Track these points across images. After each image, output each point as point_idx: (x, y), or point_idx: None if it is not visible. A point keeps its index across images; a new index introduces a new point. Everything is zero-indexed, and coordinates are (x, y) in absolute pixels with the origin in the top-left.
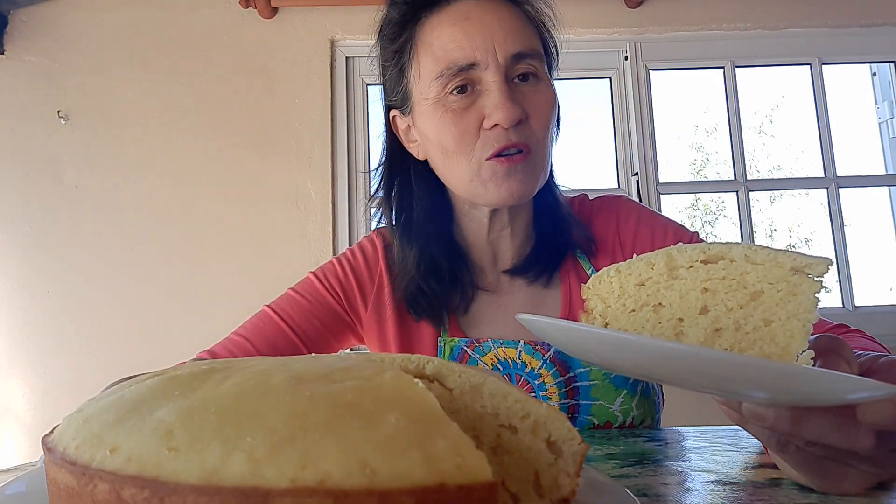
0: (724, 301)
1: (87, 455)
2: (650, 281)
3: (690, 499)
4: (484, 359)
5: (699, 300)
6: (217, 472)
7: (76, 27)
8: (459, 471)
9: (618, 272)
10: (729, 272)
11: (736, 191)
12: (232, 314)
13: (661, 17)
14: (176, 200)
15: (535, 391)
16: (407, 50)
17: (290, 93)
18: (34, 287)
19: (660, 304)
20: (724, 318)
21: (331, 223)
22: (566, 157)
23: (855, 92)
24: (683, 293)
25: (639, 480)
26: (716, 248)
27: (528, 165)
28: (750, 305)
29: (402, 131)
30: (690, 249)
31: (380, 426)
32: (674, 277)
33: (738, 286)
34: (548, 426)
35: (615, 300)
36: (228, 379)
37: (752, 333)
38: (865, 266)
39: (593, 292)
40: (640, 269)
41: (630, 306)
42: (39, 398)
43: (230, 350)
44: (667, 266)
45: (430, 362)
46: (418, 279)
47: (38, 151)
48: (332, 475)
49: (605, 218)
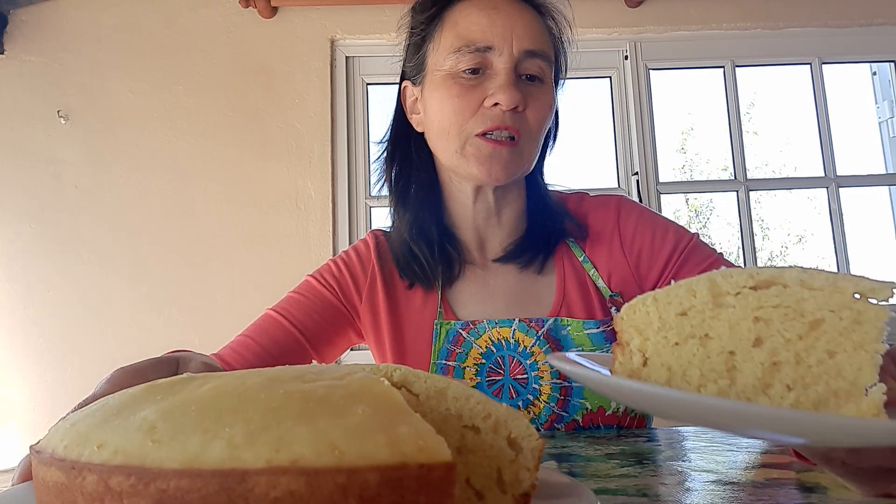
0: (780, 331)
1: (76, 452)
2: (693, 310)
3: (690, 499)
4: (479, 341)
5: (752, 331)
6: (198, 458)
7: (76, 27)
8: (421, 452)
9: (655, 301)
10: (783, 299)
11: (736, 190)
12: (232, 313)
13: (661, 16)
14: (176, 200)
15: (528, 371)
16: (434, 23)
17: (290, 93)
18: (34, 287)
19: (706, 336)
20: (782, 350)
21: (331, 223)
22: (566, 157)
23: (855, 91)
24: (733, 323)
25: (639, 480)
26: (766, 273)
27: (513, 153)
28: (810, 336)
29: (408, 103)
30: (737, 274)
31: (348, 416)
32: (719, 305)
33: (795, 314)
34: (508, 425)
35: (654, 332)
36: (207, 383)
37: (815, 367)
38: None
39: (628, 323)
40: (681, 297)
41: (672, 339)
42: (39, 398)
43: (236, 350)
44: (710, 293)
45: (396, 370)
46: (409, 241)
47: (38, 151)
48: (304, 456)
49: (604, 212)
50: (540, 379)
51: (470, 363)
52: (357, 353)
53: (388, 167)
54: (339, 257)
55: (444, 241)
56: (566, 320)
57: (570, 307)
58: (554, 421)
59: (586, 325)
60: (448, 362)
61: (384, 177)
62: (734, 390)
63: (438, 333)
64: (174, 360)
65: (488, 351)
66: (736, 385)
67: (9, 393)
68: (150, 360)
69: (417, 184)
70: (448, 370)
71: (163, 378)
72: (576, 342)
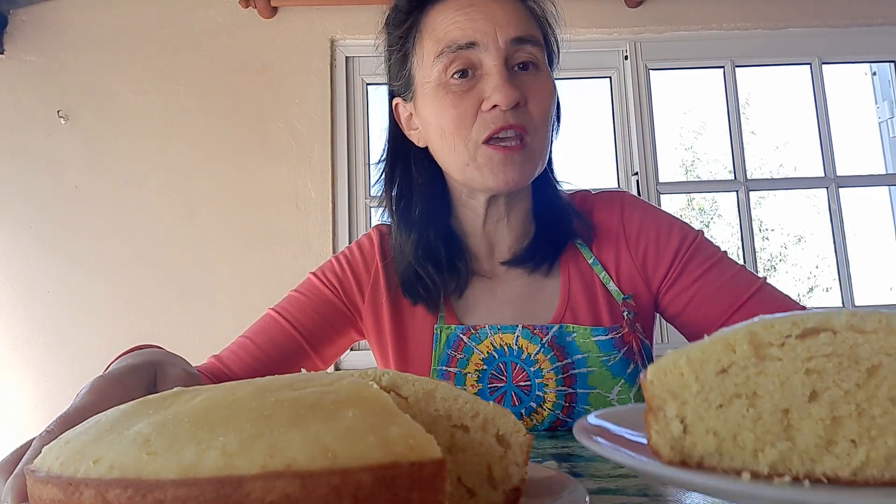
0: (836, 382)
1: (72, 469)
2: (734, 367)
3: (690, 499)
4: (480, 346)
5: (805, 384)
6: (194, 467)
7: (76, 27)
8: (411, 451)
9: (689, 361)
10: (836, 347)
11: (736, 190)
12: (232, 313)
13: (661, 16)
14: (175, 200)
15: (531, 378)
16: (411, 36)
17: (290, 93)
18: (34, 287)
19: (755, 395)
20: (841, 403)
21: (331, 223)
22: (566, 156)
23: (855, 92)
24: (783, 378)
25: (639, 480)
26: (811, 320)
27: (525, 154)
28: (869, 384)
29: (403, 119)
30: (779, 324)
31: (339, 419)
32: (763, 359)
33: (849, 362)
34: (496, 422)
35: (692, 396)
36: (198, 396)
37: (880, 418)
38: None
39: (660, 388)
40: (719, 354)
41: (716, 401)
42: (39, 398)
43: (235, 352)
44: (751, 346)
45: (385, 374)
46: (415, 264)
47: (38, 151)
48: (298, 460)
49: (608, 210)
50: (545, 386)
51: (471, 369)
52: (357, 354)
53: (387, 188)
54: (342, 254)
55: (451, 255)
56: (571, 327)
57: (575, 313)
58: (558, 427)
59: (594, 333)
60: (449, 368)
61: (384, 199)
62: (796, 453)
63: (439, 338)
64: (151, 366)
65: (490, 357)
66: (797, 447)
67: (9, 393)
68: (127, 367)
69: (421, 201)
70: (449, 376)
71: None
72: (582, 349)
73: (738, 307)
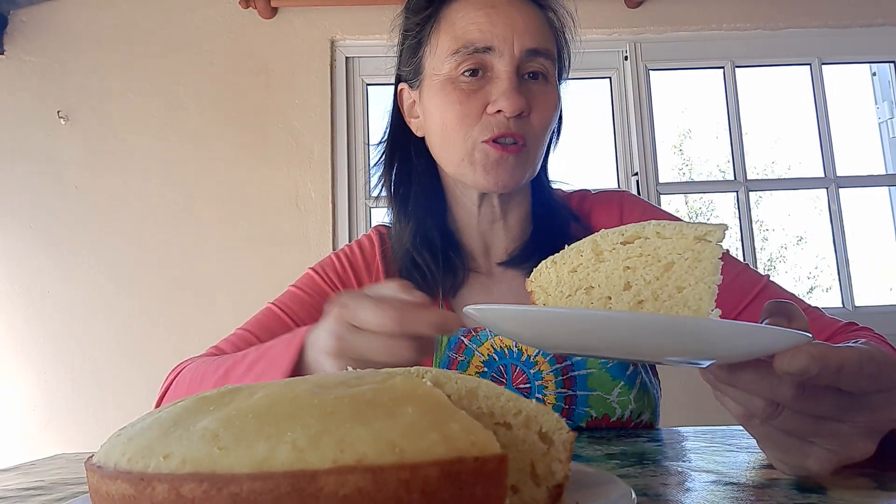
0: (643, 275)
1: (141, 464)
2: (581, 267)
3: (690, 499)
4: (480, 348)
5: (622, 278)
6: (267, 461)
7: (76, 27)
8: (473, 446)
9: (554, 263)
10: (645, 249)
11: (735, 191)
12: (232, 313)
13: (661, 17)
14: (175, 200)
15: (531, 380)
16: (429, 24)
17: (290, 93)
18: (34, 287)
19: (591, 287)
20: (644, 290)
21: (331, 223)
22: (566, 157)
23: (855, 92)
24: (609, 273)
25: (639, 480)
26: (632, 230)
27: (520, 159)
28: (664, 276)
29: (406, 106)
30: (611, 233)
31: (400, 416)
32: (600, 261)
33: (653, 260)
34: (538, 419)
35: (554, 289)
36: (257, 393)
37: (668, 301)
38: (865, 266)
39: (536, 284)
40: (572, 258)
41: (566, 292)
42: (39, 398)
43: (235, 344)
44: (593, 251)
45: (428, 372)
46: (412, 251)
47: (38, 151)
48: (368, 455)
49: (608, 209)
50: (544, 388)
51: (471, 371)
52: None
53: (386, 171)
54: (342, 251)
55: (447, 249)
56: None
57: None
58: None
59: None
60: (450, 370)
61: (383, 181)
62: None
63: (440, 340)
64: None
65: (490, 359)
66: None
67: (9, 393)
68: None
69: (419, 189)
70: None
71: None
72: None
73: (744, 306)
